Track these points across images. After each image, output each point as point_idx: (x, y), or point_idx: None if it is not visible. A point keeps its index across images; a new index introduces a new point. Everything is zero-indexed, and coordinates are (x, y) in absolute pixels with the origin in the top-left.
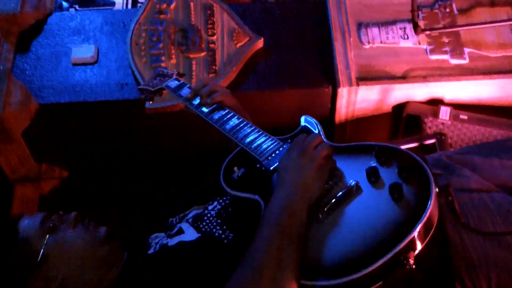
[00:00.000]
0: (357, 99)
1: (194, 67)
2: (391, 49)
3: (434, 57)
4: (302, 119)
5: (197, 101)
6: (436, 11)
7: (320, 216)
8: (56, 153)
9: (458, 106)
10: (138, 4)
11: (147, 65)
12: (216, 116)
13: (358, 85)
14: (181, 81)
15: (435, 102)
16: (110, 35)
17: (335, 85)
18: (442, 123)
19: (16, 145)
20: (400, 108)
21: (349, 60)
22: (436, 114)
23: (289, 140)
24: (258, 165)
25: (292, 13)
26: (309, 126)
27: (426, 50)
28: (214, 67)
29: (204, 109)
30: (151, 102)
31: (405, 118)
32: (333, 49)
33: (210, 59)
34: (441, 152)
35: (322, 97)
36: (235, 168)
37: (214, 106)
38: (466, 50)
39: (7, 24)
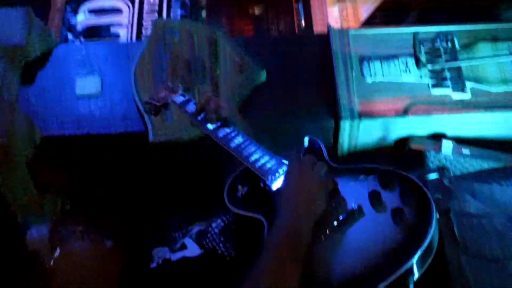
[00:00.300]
0: (359, 133)
1: (197, 99)
2: (393, 83)
3: (436, 91)
4: (306, 139)
5: (202, 117)
6: (438, 45)
7: (323, 237)
8: (60, 184)
9: (460, 140)
10: (143, 37)
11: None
12: (221, 133)
13: (360, 118)
14: (187, 97)
15: (438, 136)
16: (115, 66)
17: (337, 119)
18: (445, 158)
19: (19, 175)
20: (402, 142)
21: (351, 94)
22: (438, 148)
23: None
24: (262, 184)
25: (295, 46)
26: (312, 146)
27: (428, 84)
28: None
29: (209, 126)
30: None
31: (407, 153)
32: (335, 83)
33: (213, 91)
34: (442, 175)
35: (324, 130)
36: (239, 186)
37: (219, 123)
38: (468, 85)
39: (13, 55)
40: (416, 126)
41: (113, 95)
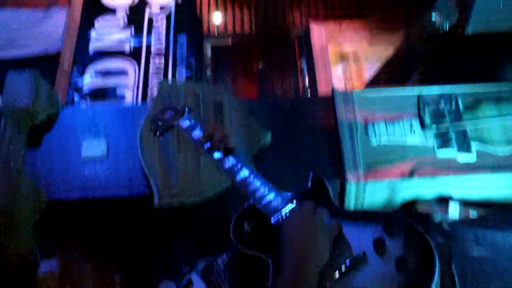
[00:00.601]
0: (365, 195)
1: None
2: (398, 145)
3: (441, 153)
4: (311, 176)
5: (208, 145)
6: (442, 107)
7: (328, 284)
8: (64, 248)
9: (467, 203)
10: (148, 98)
11: (157, 159)
12: (227, 164)
13: (366, 181)
14: (193, 122)
15: (444, 199)
16: (120, 129)
17: (343, 181)
18: (452, 220)
19: (25, 240)
20: (409, 205)
21: (356, 156)
22: (445, 211)
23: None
24: (267, 221)
25: (299, 109)
26: (316, 185)
27: (433, 146)
28: None
29: (215, 155)
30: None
31: (414, 216)
32: (341, 145)
33: None
34: (443, 215)
35: None
36: (245, 223)
37: (225, 153)
38: (473, 145)
39: (19, 119)
40: (422, 188)
41: (118, 157)
